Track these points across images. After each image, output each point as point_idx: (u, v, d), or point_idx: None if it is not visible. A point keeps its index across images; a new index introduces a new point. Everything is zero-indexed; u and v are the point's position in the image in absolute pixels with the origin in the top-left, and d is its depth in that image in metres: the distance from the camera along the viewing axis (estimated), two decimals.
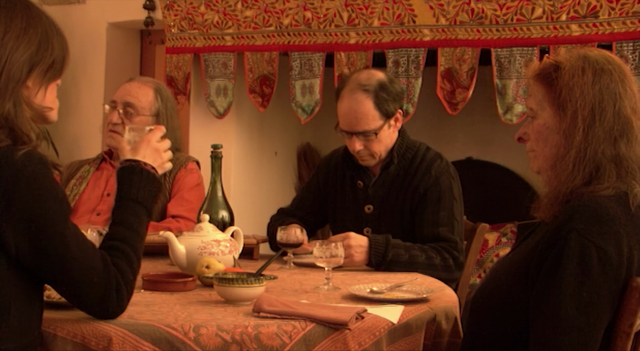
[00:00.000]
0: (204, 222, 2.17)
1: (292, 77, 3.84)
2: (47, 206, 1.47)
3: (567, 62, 1.62)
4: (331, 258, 2.05)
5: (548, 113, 1.64)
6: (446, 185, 2.50)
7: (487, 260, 3.98)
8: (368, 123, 2.49)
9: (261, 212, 4.27)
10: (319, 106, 3.80)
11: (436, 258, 2.39)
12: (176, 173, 2.88)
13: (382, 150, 2.55)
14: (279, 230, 2.35)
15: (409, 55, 3.56)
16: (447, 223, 2.45)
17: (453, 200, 2.49)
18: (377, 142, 2.53)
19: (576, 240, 1.50)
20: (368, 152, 2.54)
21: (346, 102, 2.51)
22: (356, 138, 2.51)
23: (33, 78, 1.56)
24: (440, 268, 2.37)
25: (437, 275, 2.34)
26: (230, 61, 3.99)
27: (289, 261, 2.37)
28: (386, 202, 2.56)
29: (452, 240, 2.43)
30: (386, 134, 2.55)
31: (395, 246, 2.36)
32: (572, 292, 1.48)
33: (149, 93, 2.93)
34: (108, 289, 1.53)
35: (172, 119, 2.95)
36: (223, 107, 4.05)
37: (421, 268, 2.36)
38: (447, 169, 2.54)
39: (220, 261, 2.03)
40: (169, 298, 1.84)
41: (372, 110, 2.49)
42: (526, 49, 3.35)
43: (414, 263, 2.36)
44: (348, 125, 2.52)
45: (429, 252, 2.40)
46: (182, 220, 2.76)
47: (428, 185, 2.50)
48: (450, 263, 2.39)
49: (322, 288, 2.02)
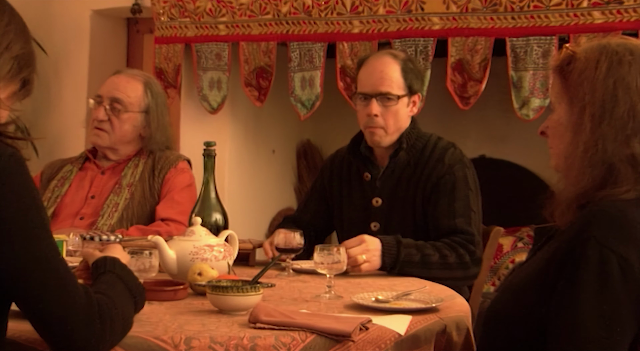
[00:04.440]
0: (196, 225, 2.17)
1: (291, 69, 3.84)
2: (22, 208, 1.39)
3: (582, 53, 1.61)
4: (333, 264, 2.05)
5: (562, 108, 1.64)
6: (460, 174, 2.53)
7: (501, 266, 3.98)
8: (392, 86, 2.58)
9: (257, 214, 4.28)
10: (319, 101, 3.80)
11: (451, 256, 2.40)
12: (166, 173, 2.89)
13: (394, 128, 2.60)
14: (276, 234, 2.36)
15: (417, 46, 3.56)
16: (464, 214, 2.47)
17: (468, 190, 2.51)
18: (393, 114, 2.59)
19: (595, 248, 1.49)
20: (382, 122, 2.58)
21: (372, 63, 2.62)
22: (375, 102, 2.57)
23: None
24: (456, 267, 2.39)
25: (453, 274, 2.37)
26: (225, 52, 3.99)
27: (288, 267, 2.37)
28: (396, 194, 2.59)
29: (469, 233, 2.44)
30: (403, 111, 2.61)
31: (406, 246, 2.39)
32: (591, 304, 1.47)
33: (137, 87, 2.93)
34: (91, 315, 1.42)
35: (162, 116, 2.96)
36: (216, 102, 4.05)
37: (435, 268, 2.38)
38: (461, 158, 2.58)
39: (213, 267, 2.04)
40: (158, 308, 1.84)
41: (399, 76, 2.59)
42: (544, 39, 3.35)
43: (427, 263, 2.38)
44: (371, 85, 2.58)
45: (443, 250, 2.41)
46: (172, 223, 2.77)
47: (441, 173, 2.54)
48: (466, 260, 2.40)
49: (323, 297, 2.02)
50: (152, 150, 2.96)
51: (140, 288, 1.64)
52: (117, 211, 2.82)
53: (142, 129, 2.95)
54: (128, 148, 2.96)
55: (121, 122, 2.91)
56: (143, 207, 2.86)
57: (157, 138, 2.95)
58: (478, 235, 2.47)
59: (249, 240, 2.57)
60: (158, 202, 2.86)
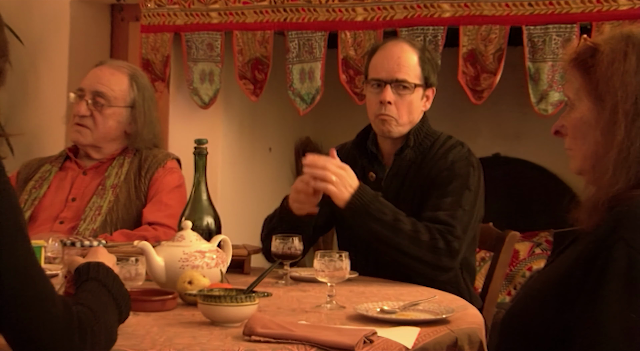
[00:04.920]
0: (186, 229, 2.17)
1: (289, 60, 3.85)
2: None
3: (606, 44, 1.61)
4: (335, 272, 2.05)
5: (586, 106, 1.63)
6: (462, 171, 2.55)
7: (517, 274, 3.99)
8: (409, 74, 2.63)
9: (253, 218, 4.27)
10: (320, 94, 3.81)
11: (424, 235, 2.42)
12: (153, 173, 2.89)
13: (407, 119, 2.63)
14: (274, 239, 2.36)
15: (426, 35, 3.56)
16: (450, 209, 2.49)
17: (466, 189, 2.53)
18: (407, 104, 2.62)
19: (623, 251, 1.49)
20: (394, 112, 2.62)
21: (389, 48, 2.66)
22: (390, 88, 2.61)
23: None
24: (426, 247, 2.41)
25: (421, 253, 2.39)
26: (217, 42, 4.00)
27: (286, 275, 2.38)
28: (401, 194, 2.60)
29: (450, 224, 2.45)
30: (417, 104, 2.66)
31: (382, 203, 2.45)
32: (617, 312, 1.47)
33: (122, 80, 2.94)
34: (69, 330, 1.41)
35: (149, 111, 2.96)
36: (208, 96, 4.06)
37: (403, 237, 2.41)
38: (466, 156, 2.60)
39: (205, 275, 2.04)
40: (145, 319, 1.84)
41: (416, 65, 2.64)
42: (564, 27, 3.35)
43: (396, 228, 2.42)
44: (387, 71, 2.62)
45: (418, 225, 2.44)
46: (160, 227, 2.77)
47: (441, 169, 2.56)
48: (439, 246, 2.41)
49: (324, 307, 2.03)
50: (139, 148, 2.96)
51: (126, 295, 1.64)
52: (100, 214, 2.83)
53: (128, 125, 2.96)
54: (112, 146, 2.97)
55: (104, 118, 2.92)
56: (128, 210, 2.86)
57: (143, 135, 2.95)
58: (462, 232, 2.45)
59: (243, 246, 2.57)
60: (145, 204, 2.86)
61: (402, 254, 2.43)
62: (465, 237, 2.49)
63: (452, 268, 2.48)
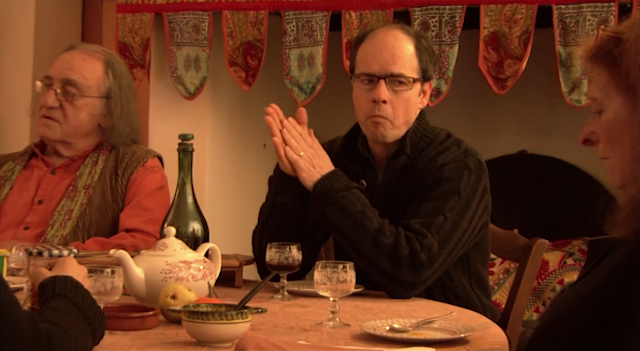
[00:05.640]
0: (169, 237, 2.18)
1: (286, 44, 3.85)
2: None
3: (630, 31, 1.61)
4: (338, 285, 2.06)
5: (617, 102, 1.63)
6: (451, 175, 2.50)
7: (547, 288, 3.99)
8: (405, 66, 2.59)
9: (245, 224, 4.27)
10: (321, 83, 3.81)
11: (388, 238, 2.40)
12: (132, 173, 2.90)
13: (403, 120, 2.60)
14: (269, 248, 2.37)
15: (442, 15, 3.57)
16: (427, 216, 2.44)
17: (454, 195, 2.47)
18: (403, 102, 2.59)
19: None
20: (389, 112, 2.58)
21: (381, 37, 2.61)
22: (384, 85, 2.57)
23: None
24: (387, 252, 2.38)
25: (380, 259, 2.37)
26: (204, 23, 4.00)
27: (283, 289, 2.38)
28: (393, 203, 2.57)
29: (420, 232, 2.41)
30: (414, 101, 2.62)
31: (355, 195, 2.46)
32: None
33: (96, 67, 2.94)
34: (36, 345, 1.44)
35: (127, 102, 2.97)
36: (194, 85, 4.06)
37: (364, 235, 2.40)
38: (461, 158, 2.55)
39: (190, 289, 2.04)
40: (123, 339, 1.85)
41: (413, 56, 2.60)
42: (599, 6, 3.36)
43: (359, 223, 2.41)
44: (380, 64, 2.58)
45: (386, 227, 2.42)
46: (139, 234, 2.78)
47: (429, 174, 2.53)
48: (402, 254, 2.37)
49: (326, 325, 2.03)
50: (115, 144, 2.97)
51: (100, 314, 1.65)
52: (71, 219, 2.83)
53: (102, 118, 2.96)
54: (84, 142, 2.97)
55: (76, 110, 2.92)
56: (103, 215, 2.86)
57: (120, 129, 2.96)
58: (437, 243, 2.41)
59: (234, 256, 2.57)
60: (122, 208, 2.87)
61: (359, 256, 2.40)
62: (444, 249, 2.43)
63: (415, 285, 2.40)
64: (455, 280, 2.61)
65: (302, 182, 2.50)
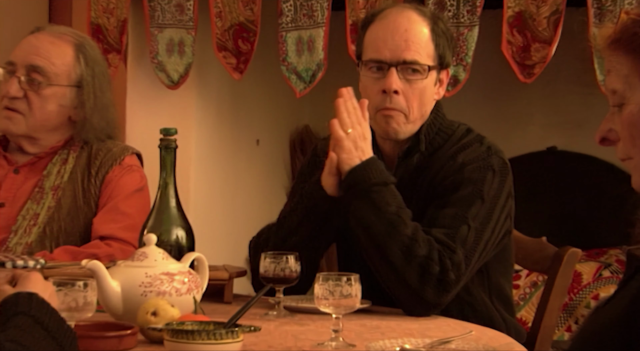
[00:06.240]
0: (149, 245, 2.18)
1: (283, 26, 3.85)
2: None
3: None
4: (342, 300, 2.05)
5: None
6: (474, 176, 2.50)
7: (580, 304, 4.00)
8: (420, 53, 2.57)
9: (235, 230, 4.28)
10: (323, 71, 3.81)
11: (422, 248, 2.38)
12: (107, 173, 2.89)
13: (418, 113, 2.59)
14: (263, 258, 2.36)
15: None
16: (450, 226, 2.44)
17: (477, 199, 2.48)
18: (419, 93, 2.58)
19: None
20: (403, 104, 2.58)
21: (392, 19, 2.60)
22: (396, 73, 2.57)
23: None
24: (417, 265, 2.37)
25: (408, 272, 2.36)
26: (189, 2, 4.00)
27: (279, 305, 2.38)
28: (407, 204, 2.57)
29: (449, 246, 2.41)
30: (430, 91, 2.61)
31: (391, 192, 2.44)
32: None
33: (66, 51, 2.94)
34: None
35: (101, 92, 2.96)
36: (178, 72, 4.06)
37: (397, 242, 2.38)
38: (484, 157, 2.55)
39: (174, 305, 2.04)
40: None
41: (428, 39, 2.59)
42: None
43: (394, 228, 2.40)
44: (391, 49, 2.57)
45: (419, 234, 2.40)
46: (115, 242, 2.78)
47: (448, 174, 2.53)
48: (433, 271, 2.37)
49: (328, 345, 2.03)
50: (87, 139, 2.96)
51: (70, 334, 1.64)
52: (37, 225, 2.83)
53: (73, 110, 2.96)
54: (52, 137, 2.97)
55: (43, 100, 2.92)
56: (74, 220, 2.86)
57: (93, 123, 2.96)
58: (463, 259, 2.41)
59: (223, 267, 2.58)
60: (95, 212, 2.87)
61: (385, 263, 2.39)
62: (469, 264, 2.44)
63: (437, 306, 2.41)
64: (474, 294, 2.60)
65: (340, 164, 2.48)
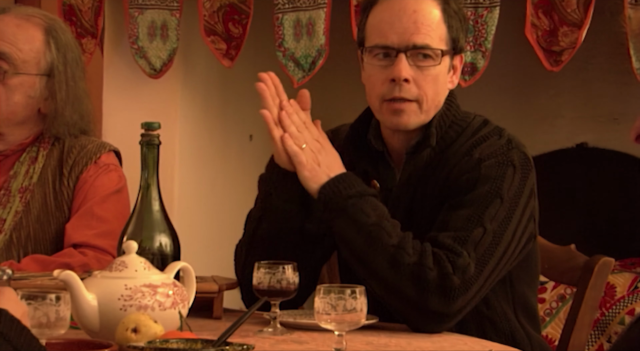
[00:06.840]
0: (129, 254, 2.19)
1: (279, 7, 3.86)
2: None
3: None
4: (345, 315, 2.07)
5: None
6: (492, 173, 2.50)
7: (613, 320, 4.00)
8: (431, 35, 2.58)
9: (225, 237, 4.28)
10: (324, 58, 3.82)
11: (410, 256, 2.39)
12: (81, 172, 2.90)
13: (432, 103, 2.60)
14: (257, 268, 2.37)
15: None
16: (461, 228, 2.45)
17: (495, 199, 2.47)
18: (432, 80, 2.59)
19: None
20: (415, 93, 2.58)
21: (398, 0, 2.60)
22: (405, 60, 2.57)
23: None
24: (409, 275, 2.38)
25: (401, 283, 2.38)
26: None
27: (275, 320, 2.39)
28: (417, 210, 2.58)
29: (454, 250, 2.42)
30: (444, 79, 2.62)
31: (370, 203, 2.47)
32: None
33: (34, 36, 2.95)
34: None
35: (74, 81, 2.97)
36: (161, 59, 4.07)
37: (380, 252, 2.40)
38: (504, 151, 2.55)
39: (157, 320, 2.06)
40: None
41: (440, 21, 2.60)
42: None
43: (373, 238, 2.42)
44: (398, 33, 2.58)
45: (407, 243, 2.42)
46: (90, 251, 2.78)
47: (462, 171, 2.54)
48: (429, 277, 2.37)
49: None
50: (59, 135, 2.97)
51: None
52: (3, 231, 2.84)
53: (43, 102, 2.97)
54: (20, 132, 2.98)
55: (8, 91, 2.93)
56: (44, 226, 2.87)
57: (65, 116, 2.96)
58: (475, 263, 2.42)
59: (212, 278, 2.59)
60: (68, 217, 2.87)
61: (374, 278, 2.41)
62: (483, 270, 2.44)
63: (445, 316, 2.41)
64: (494, 307, 2.61)
65: (304, 182, 2.51)
